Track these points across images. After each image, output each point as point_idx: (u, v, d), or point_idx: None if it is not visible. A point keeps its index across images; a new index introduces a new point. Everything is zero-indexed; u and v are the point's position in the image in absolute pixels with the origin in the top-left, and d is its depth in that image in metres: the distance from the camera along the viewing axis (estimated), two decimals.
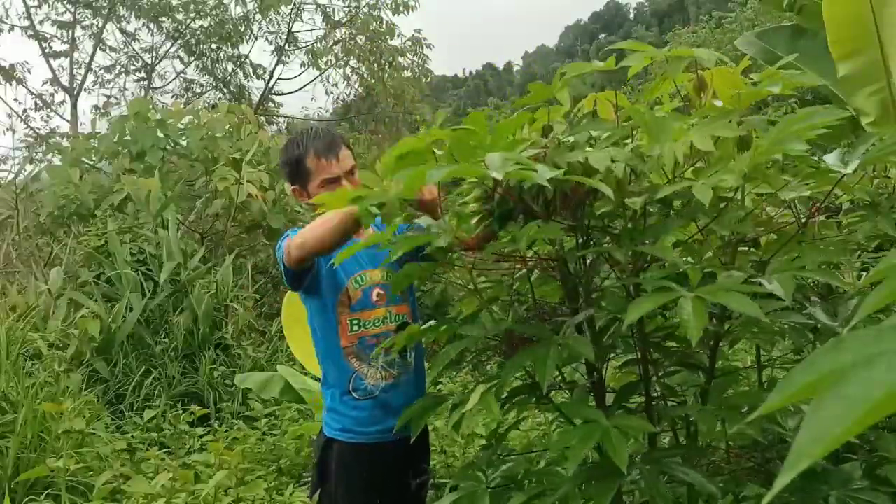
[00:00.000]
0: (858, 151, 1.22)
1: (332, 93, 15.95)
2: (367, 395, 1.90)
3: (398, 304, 1.96)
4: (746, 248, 1.44)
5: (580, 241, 1.42)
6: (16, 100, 20.52)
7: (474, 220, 1.43)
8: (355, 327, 1.90)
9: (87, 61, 15.66)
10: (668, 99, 1.46)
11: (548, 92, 1.36)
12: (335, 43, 15.03)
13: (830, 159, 1.26)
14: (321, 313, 1.91)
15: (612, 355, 1.57)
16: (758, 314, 1.02)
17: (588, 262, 1.44)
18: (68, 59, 15.54)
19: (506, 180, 1.21)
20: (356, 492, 1.89)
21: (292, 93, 18.07)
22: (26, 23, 15.01)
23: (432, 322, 1.55)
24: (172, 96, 16.08)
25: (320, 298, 1.89)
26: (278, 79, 16.05)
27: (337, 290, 1.89)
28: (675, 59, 1.32)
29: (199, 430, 3.82)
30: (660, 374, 1.50)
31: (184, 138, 6.71)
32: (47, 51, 15.34)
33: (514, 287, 1.58)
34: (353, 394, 1.90)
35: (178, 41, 15.39)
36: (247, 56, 15.72)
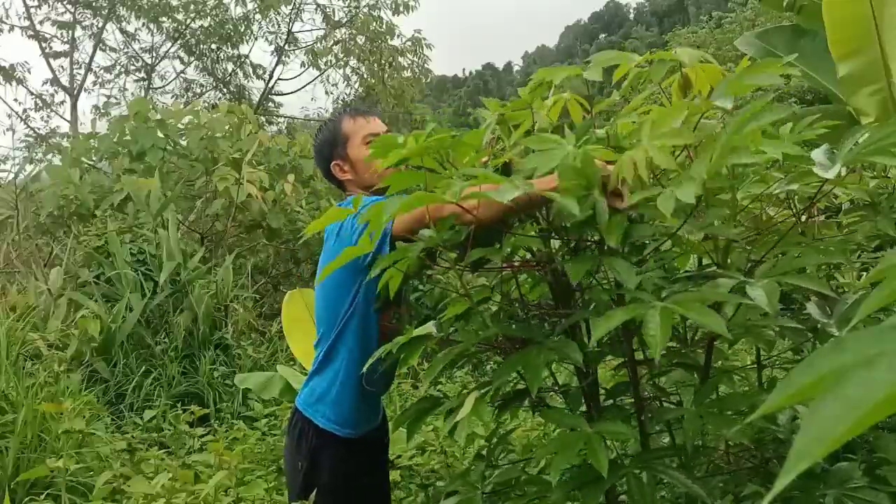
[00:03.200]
0: (844, 150, 1.22)
1: (332, 93, 16.00)
2: (373, 385, 1.84)
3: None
4: (747, 248, 1.44)
5: (562, 243, 1.42)
6: (16, 100, 20.61)
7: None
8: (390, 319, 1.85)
9: (87, 61, 15.71)
10: (666, 101, 1.46)
11: (528, 99, 1.37)
12: (335, 43, 15.05)
13: (817, 156, 1.25)
14: (371, 299, 1.78)
15: (609, 357, 1.57)
16: (722, 331, 1.03)
17: None
18: (68, 59, 15.58)
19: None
20: (350, 484, 1.86)
21: (292, 93, 18.15)
22: (26, 23, 15.05)
23: (430, 323, 1.55)
24: (172, 96, 16.14)
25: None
26: (278, 79, 16.11)
27: None
28: (658, 62, 1.32)
29: (199, 430, 3.82)
30: (653, 373, 1.50)
31: (184, 138, 6.71)
32: (47, 51, 15.38)
33: (506, 289, 1.58)
34: (366, 384, 1.81)
35: (178, 41, 15.41)
36: (247, 56, 15.76)
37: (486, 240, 1.38)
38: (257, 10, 15.00)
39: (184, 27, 15.05)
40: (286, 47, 15.65)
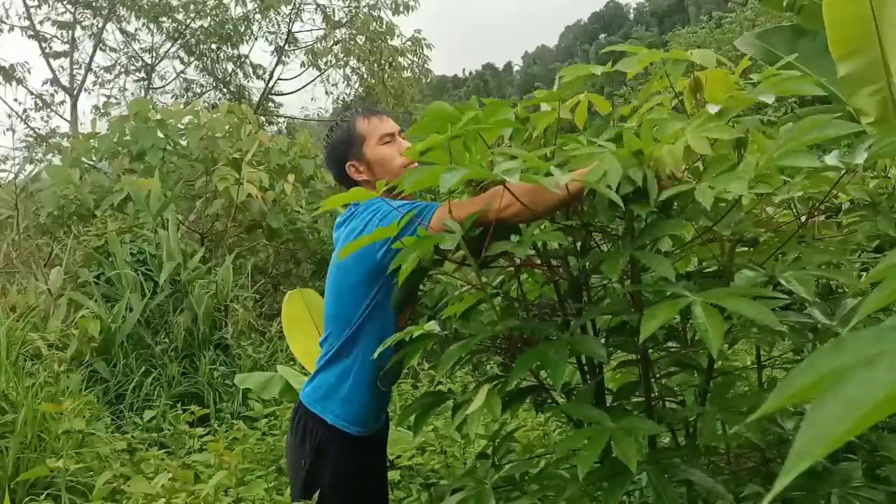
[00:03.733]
0: (860, 151, 1.22)
1: (332, 93, 15.99)
2: (383, 383, 1.82)
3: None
4: (746, 249, 1.44)
5: (579, 242, 1.42)
6: (16, 100, 20.60)
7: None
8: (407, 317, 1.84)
9: (87, 61, 15.69)
10: (668, 101, 1.46)
11: (554, 96, 1.37)
12: (335, 43, 15.04)
13: (830, 159, 1.25)
14: (394, 293, 1.73)
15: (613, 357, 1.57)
16: (774, 323, 1.02)
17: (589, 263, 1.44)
18: (68, 59, 15.57)
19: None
20: (354, 483, 1.85)
21: (292, 93, 18.10)
22: (26, 23, 15.04)
23: (431, 322, 1.55)
24: (172, 96, 16.12)
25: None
26: (278, 79, 16.08)
27: None
28: (672, 61, 1.32)
29: (199, 430, 3.82)
30: (658, 374, 1.50)
31: (184, 138, 6.71)
32: (47, 51, 15.36)
33: (506, 288, 1.58)
34: (378, 383, 1.79)
35: (178, 41, 15.40)
36: (247, 56, 15.74)
37: (502, 236, 1.38)
38: (257, 10, 14.99)
39: (184, 27, 15.04)
40: (286, 47, 15.65)
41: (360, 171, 1.86)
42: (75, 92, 15.45)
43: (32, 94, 15.29)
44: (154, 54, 15.89)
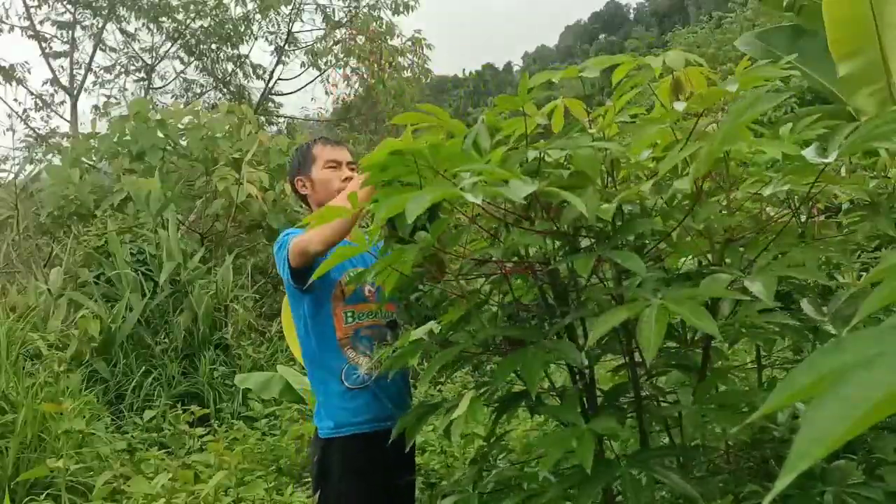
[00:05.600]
0: (836, 142, 1.21)
1: (332, 93, 15.95)
2: (361, 384, 1.94)
3: (388, 301, 2.00)
4: (740, 249, 1.43)
5: (561, 244, 1.41)
6: (16, 100, 20.60)
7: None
8: (350, 319, 1.98)
9: (86, 61, 15.68)
10: (660, 105, 1.46)
11: (515, 103, 1.35)
12: (335, 43, 15.03)
13: (809, 153, 1.24)
14: (316, 307, 1.97)
15: (609, 357, 1.57)
16: (713, 332, 1.00)
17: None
18: (68, 59, 15.57)
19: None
20: (358, 482, 1.91)
21: (292, 93, 18.10)
22: (26, 23, 15.03)
23: (430, 324, 1.55)
24: (172, 96, 16.11)
25: (314, 293, 1.96)
26: (278, 79, 16.06)
27: (331, 286, 1.97)
28: (645, 66, 1.32)
29: (199, 430, 3.82)
30: (652, 374, 1.50)
31: (184, 138, 6.71)
32: (47, 51, 15.36)
33: (503, 291, 1.58)
34: (346, 383, 1.94)
35: (178, 41, 15.39)
36: (247, 56, 15.73)
37: None
38: (257, 10, 14.98)
39: (184, 27, 15.03)
40: (286, 47, 15.64)
41: (305, 186, 2.13)
42: (75, 92, 15.45)
43: (32, 94, 15.29)
44: (154, 54, 15.89)
